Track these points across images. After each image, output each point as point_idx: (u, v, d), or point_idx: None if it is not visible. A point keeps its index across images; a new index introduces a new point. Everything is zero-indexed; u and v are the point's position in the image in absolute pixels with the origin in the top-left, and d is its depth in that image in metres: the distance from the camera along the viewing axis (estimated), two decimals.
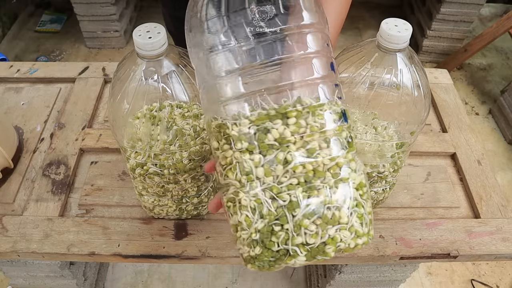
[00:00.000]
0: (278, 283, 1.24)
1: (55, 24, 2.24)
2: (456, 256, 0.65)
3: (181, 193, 0.61)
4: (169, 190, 0.60)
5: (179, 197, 0.62)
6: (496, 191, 0.73)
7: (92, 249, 0.64)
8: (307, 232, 0.38)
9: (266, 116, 0.39)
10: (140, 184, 0.60)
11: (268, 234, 0.38)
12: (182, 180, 0.58)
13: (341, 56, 0.57)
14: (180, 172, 0.56)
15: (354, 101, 0.56)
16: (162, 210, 0.65)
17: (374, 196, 0.65)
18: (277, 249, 0.38)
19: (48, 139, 0.79)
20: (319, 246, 0.38)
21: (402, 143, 0.58)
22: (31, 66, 0.92)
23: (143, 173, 0.57)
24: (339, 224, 0.38)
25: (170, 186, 0.59)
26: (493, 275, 1.33)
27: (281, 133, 0.38)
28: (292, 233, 0.38)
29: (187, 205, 0.64)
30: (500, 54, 2.15)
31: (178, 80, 0.51)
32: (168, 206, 0.64)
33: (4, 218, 0.67)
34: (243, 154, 0.38)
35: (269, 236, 0.38)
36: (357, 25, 2.32)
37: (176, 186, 0.59)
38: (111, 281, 1.23)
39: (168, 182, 0.58)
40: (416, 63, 0.52)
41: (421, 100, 0.53)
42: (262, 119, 0.38)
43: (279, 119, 0.39)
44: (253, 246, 0.38)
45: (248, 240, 0.39)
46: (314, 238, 0.38)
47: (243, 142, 0.38)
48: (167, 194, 0.61)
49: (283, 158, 0.38)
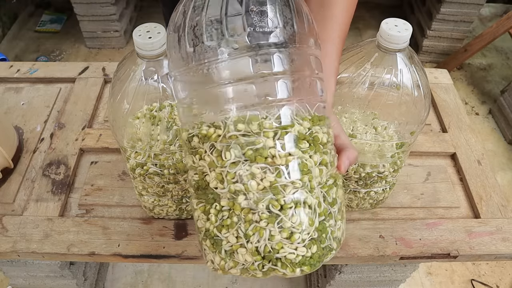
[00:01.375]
0: (278, 283, 1.24)
1: (55, 24, 2.24)
2: (456, 256, 0.65)
3: (181, 193, 0.61)
4: (169, 190, 0.60)
5: (179, 197, 0.62)
6: (496, 191, 0.73)
7: (92, 249, 0.64)
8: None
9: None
10: (140, 184, 0.60)
11: (323, 230, 0.39)
12: (182, 180, 0.58)
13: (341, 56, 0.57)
14: (180, 172, 0.56)
15: (354, 101, 0.56)
16: (162, 210, 0.65)
17: (374, 196, 0.65)
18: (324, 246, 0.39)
19: (48, 139, 0.79)
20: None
21: (402, 143, 0.58)
22: (31, 66, 0.92)
23: (143, 173, 0.57)
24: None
25: (170, 186, 0.59)
26: (493, 275, 1.33)
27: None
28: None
29: (187, 205, 0.64)
30: (500, 54, 2.15)
31: None
32: (168, 206, 0.64)
33: (4, 218, 0.67)
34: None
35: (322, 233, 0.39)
36: (357, 25, 2.32)
37: (176, 186, 0.59)
38: (111, 281, 1.23)
39: (168, 182, 0.58)
40: (416, 63, 0.52)
41: (421, 100, 0.53)
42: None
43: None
44: (311, 245, 0.38)
45: (306, 241, 0.38)
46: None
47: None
48: (167, 194, 0.61)
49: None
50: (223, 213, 0.39)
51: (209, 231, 0.40)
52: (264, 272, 0.38)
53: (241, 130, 0.37)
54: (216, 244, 0.39)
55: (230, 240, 0.38)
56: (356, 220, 0.69)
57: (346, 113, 0.58)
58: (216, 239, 0.39)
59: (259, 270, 0.38)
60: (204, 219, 0.40)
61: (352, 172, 0.60)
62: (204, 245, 0.41)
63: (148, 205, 0.65)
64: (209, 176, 0.39)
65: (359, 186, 0.62)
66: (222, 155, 0.37)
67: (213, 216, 0.39)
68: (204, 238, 0.41)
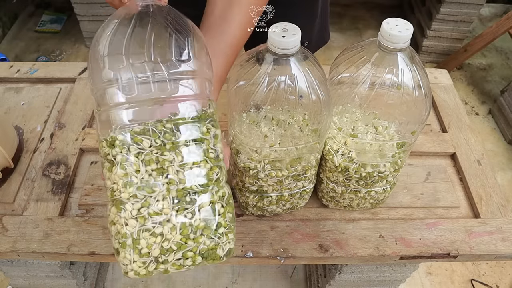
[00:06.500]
0: (278, 283, 1.24)
1: (55, 24, 2.24)
2: (456, 256, 0.65)
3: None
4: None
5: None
6: (496, 191, 0.73)
7: (92, 249, 0.64)
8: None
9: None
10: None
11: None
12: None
13: (341, 56, 0.57)
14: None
15: (355, 101, 0.56)
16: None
17: (375, 195, 0.65)
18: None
19: (48, 139, 0.79)
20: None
21: (403, 143, 0.58)
22: (31, 66, 0.92)
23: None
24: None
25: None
26: (493, 275, 1.33)
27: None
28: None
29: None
30: (500, 54, 2.15)
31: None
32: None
33: (4, 218, 0.67)
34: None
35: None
36: (357, 25, 2.32)
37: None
38: (111, 281, 1.23)
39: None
40: (417, 63, 0.52)
41: (422, 100, 0.53)
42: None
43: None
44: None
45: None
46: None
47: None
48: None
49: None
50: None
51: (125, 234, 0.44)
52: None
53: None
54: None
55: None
56: (356, 220, 0.69)
57: (347, 113, 0.58)
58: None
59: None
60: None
61: (353, 172, 0.60)
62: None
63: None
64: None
65: (360, 185, 0.62)
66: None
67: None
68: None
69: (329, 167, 0.61)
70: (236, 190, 0.64)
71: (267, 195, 0.62)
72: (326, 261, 0.66)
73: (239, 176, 0.60)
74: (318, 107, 0.51)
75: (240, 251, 0.64)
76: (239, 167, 0.58)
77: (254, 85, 0.50)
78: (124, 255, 0.43)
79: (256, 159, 0.56)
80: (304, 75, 0.49)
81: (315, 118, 0.53)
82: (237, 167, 0.59)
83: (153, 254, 0.42)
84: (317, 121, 0.53)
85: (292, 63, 0.49)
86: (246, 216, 0.69)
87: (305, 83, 0.49)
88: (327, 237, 0.66)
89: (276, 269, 1.27)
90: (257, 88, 0.50)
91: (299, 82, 0.49)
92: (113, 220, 0.44)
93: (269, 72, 0.49)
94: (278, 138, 0.54)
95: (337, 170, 0.60)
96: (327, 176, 0.63)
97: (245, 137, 0.55)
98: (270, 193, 0.61)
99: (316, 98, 0.50)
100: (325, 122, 0.53)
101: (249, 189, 0.61)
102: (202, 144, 0.44)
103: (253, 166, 0.56)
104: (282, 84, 0.49)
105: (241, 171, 0.58)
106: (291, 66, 0.49)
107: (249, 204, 0.64)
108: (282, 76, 0.49)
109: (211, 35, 0.56)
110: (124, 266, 0.43)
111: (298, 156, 0.56)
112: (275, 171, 0.57)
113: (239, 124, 0.55)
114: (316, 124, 0.53)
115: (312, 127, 0.53)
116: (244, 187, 0.61)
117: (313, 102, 0.50)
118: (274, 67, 0.49)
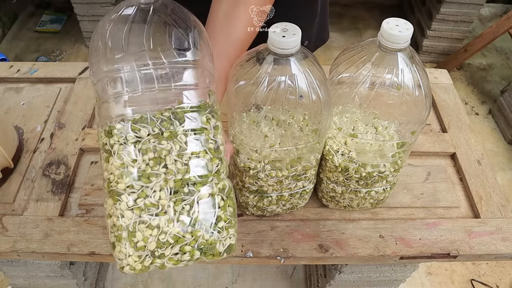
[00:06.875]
0: (278, 283, 1.24)
1: (55, 24, 2.24)
2: (456, 256, 0.65)
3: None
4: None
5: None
6: (496, 191, 0.73)
7: (92, 249, 0.64)
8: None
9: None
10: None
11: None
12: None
13: (342, 56, 0.57)
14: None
15: (355, 101, 0.56)
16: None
17: (375, 195, 0.65)
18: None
19: (48, 139, 0.79)
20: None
21: (403, 143, 0.58)
22: (31, 66, 0.92)
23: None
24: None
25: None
26: (493, 275, 1.33)
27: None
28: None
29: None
30: (500, 54, 2.15)
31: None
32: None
33: (4, 218, 0.67)
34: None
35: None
36: (357, 25, 2.32)
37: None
38: (111, 281, 1.23)
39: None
40: (417, 63, 0.52)
41: (422, 100, 0.53)
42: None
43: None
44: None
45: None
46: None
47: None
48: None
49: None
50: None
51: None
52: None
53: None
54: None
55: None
56: (356, 220, 0.69)
57: (347, 112, 0.58)
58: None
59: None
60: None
61: (353, 172, 0.60)
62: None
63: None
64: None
65: (360, 185, 0.62)
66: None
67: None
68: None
69: (329, 167, 0.61)
70: (236, 190, 0.64)
71: (267, 195, 0.62)
72: (326, 261, 0.66)
73: (239, 176, 0.60)
74: (318, 107, 0.51)
75: (240, 251, 0.64)
76: (239, 167, 0.58)
77: (254, 85, 0.50)
78: (119, 249, 0.42)
79: (256, 159, 0.56)
80: (304, 75, 0.49)
81: (315, 118, 0.53)
82: (237, 167, 0.59)
83: (149, 247, 0.41)
84: (317, 121, 0.53)
85: (292, 63, 0.49)
86: (246, 216, 0.69)
87: (305, 83, 0.49)
88: (327, 237, 0.66)
89: (276, 269, 1.27)
90: (257, 88, 0.50)
91: (299, 82, 0.49)
92: (109, 213, 0.43)
93: (269, 72, 0.49)
94: (278, 138, 0.54)
95: (337, 170, 0.60)
96: (327, 176, 0.63)
97: (245, 137, 0.55)
98: (270, 193, 0.61)
99: (316, 98, 0.50)
100: (325, 122, 0.53)
101: (249, 189, 0.61)
102: (201, 134, 0.43)
103: (253, 166, 0.56)
104: (282, 84, 0.49)
105: (241, 171, 0.58)
106: (291, 66, 0.49)
107: (249, 204, 0.64)
108: (282, 76, 0.49)
109: (215, 36, 0.56)
110: (120, 261, 0.43)
111: (298, 156, 0.56)
112: (275, 171, 0.57)
113: (239, 124, 0.55)
114: (316, 124, 0.53)
115: (312, 127, 0.54)
116: (244, 187, 0.61)
117: (313, 102, 0.50)
118: (274, 67, 0.49)
